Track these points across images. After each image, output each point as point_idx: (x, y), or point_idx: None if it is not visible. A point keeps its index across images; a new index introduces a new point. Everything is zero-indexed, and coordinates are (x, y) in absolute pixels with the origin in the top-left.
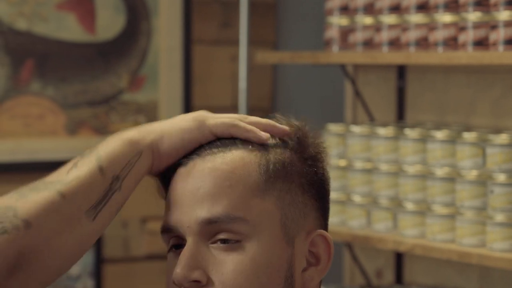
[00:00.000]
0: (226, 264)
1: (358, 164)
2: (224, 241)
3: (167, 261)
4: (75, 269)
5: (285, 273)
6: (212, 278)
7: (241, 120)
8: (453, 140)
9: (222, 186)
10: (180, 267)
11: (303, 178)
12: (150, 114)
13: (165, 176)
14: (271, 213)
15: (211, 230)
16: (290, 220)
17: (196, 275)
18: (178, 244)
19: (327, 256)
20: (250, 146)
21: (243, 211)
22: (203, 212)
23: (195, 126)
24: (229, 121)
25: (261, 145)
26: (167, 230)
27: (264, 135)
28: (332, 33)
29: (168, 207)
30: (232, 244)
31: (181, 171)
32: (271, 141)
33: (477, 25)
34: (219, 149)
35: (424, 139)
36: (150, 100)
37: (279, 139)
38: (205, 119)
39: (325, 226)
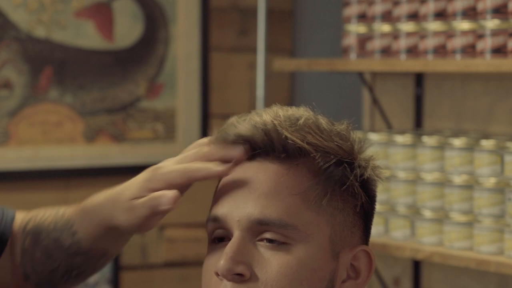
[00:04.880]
0: (271, 263)
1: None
2: (270, 240)
3: (207, 253)
4: (93, 277)
5: (327, 283)
6: (256, 273)
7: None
8: (471, 148)
9: (281, 191)
10: (225, 259)
11: (357, 200)
12: (168, 121)
13: None
14: (322, 228)
15: (260, 229)
16: (339, 238)
17: (241, 268)
18: (222, 237)
19: (367, 272)
20: (318, 161)
21: (295, 220)
22: (256, 211)
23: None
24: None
25: (326, 162)
26: (214, 220)
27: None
28: (350, 40)
29: (219, 197)
30: (279, 244)
31: (239, 166)
32: (333, 161)
33: (495, 33)
34: (286, 155)
35: (442, 147)
36: (168, 108)
37: (344, 160)
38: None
39: (367, 241)
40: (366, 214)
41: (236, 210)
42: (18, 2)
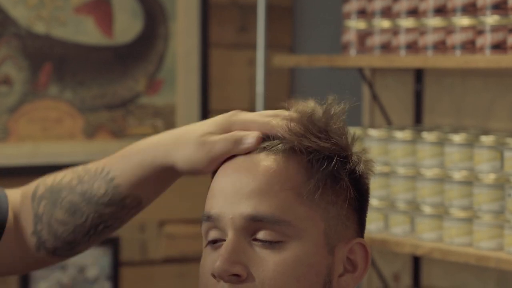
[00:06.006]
0: (267, 262)
1: (376, 168)
2: (266, 240)
3: (203, 255)
4: (92, 272)
5: (324, 278)
6: (252, 273)
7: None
8: (470, 144)
9: (272, 186)
10: (221, 260)
11: (349, 193)
12: (168, 117)
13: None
14: (316, 223)
15: (254, 226)
16: (333, 232)
17: (237, 269)
18: (216, 239)
19: (364, 264)
20: (308, 156)
21: (288, 215)
22: (249, 208)
23: (200, 152)
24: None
25: (318, 157)
26: (208, 219)
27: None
28: (350, 36)
29: (212, 196)
30: (274, 243)
31: (231, 162)
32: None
33: (495, 29)
34: (277, 150)
35: (441, 143)
36: (168, 104)
37: (336, 155)
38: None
39: (362, 234)
40: (360, 207)
41: (229, 208)
42: None
